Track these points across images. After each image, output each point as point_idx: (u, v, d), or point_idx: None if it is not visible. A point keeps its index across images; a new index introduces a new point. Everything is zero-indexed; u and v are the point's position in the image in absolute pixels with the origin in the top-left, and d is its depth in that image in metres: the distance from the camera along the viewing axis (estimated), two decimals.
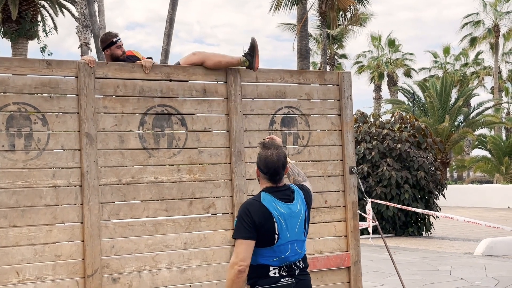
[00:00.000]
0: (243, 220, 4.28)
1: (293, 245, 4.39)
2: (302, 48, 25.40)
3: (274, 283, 4.32)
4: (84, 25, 33.91)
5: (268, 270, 4.33)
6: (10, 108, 5.98)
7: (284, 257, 4.35)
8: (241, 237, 4.26)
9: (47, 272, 5.96)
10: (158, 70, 6.71)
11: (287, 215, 4.35)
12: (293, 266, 4.42)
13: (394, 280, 10.08)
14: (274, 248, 4.32)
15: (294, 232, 4.38)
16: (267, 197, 4.37)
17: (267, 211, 4.30)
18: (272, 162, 4.42)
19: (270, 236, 4.28)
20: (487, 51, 62.26)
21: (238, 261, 4.23)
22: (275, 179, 4.47)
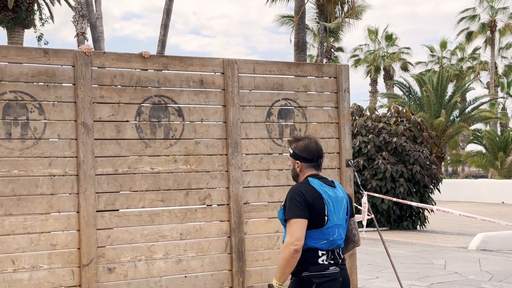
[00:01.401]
0: (296, 200, 4.30)
1: (339, 228, 4.44)
2: (299, 40, 25.34)
3: (323, 270, 4.35)
4: (80, 15, 33.74)
5: (317, 255, 4.36)
6: (6, 97, 5.97)
7: (333, 240, 4.39)
8: (295, 216, 4.28)
9: (42, 261, 5.96)
10: (156, 60, 6.69)
11: (334, 198, 4.41)
12: (336, 254, 4.46)
13: (388, 273, 10.10)
14: (323, 230, 4.35)
15: (339, 216, 4.44)
16: (314, 181, 4.44)
17: (317, 192, 4.35)
18: (313, 147, 4.54)
19: (321, 217, 4.32)
20: (484, 46, 62.30)
21: (294, 240, 4.24)
22: (319, 163, 4.56)
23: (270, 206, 7.15)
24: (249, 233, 6.99)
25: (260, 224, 7.09)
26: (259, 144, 7.11)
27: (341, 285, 4.47)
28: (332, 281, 4.39)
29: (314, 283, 4.34)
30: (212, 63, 6.93)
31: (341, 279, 4.45)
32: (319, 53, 38.90)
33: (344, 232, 4.55)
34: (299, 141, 4.61)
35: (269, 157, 7.18)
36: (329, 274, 4.38)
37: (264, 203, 7.13)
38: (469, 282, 10.12)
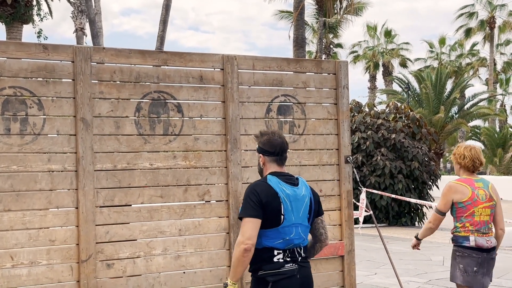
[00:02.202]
0: (250, 199, 4.32)
1: (297, 228, 4.42)
2: (298, 36, 25.31)
3: (278, 268, 4.35)
4: (79, 10, 33.74)
5: (272, 254, 4.35)
6: (5, 92, 5.96)
7: (289, 239, 4.38)
8: (248, 215, 4.29)
9: (41, 257, 5.96)
10: (155, 56, 6.68)
11: (292, 196, 4.39)
12: (295, 253, 4.44)
13: (387, 269, 10.11)
14: (279, 229, 4.34)
15: (299, 215, 4.42)
16: (273, 178, 4.42)
17: (273, 191, 4.34)
18: (276, 141, 4.54)
19: (276, 216, 4.32)
20: (482, 42, 62.30)
21: (245, 239, 4.26)
22: (282, 158, 4.54)
23: None
24: None
25: None
26: None
27: (300, 282, 4.45)
28: (288, 279, 4.38)
29: (270, 282, 4.34)
30: (211, 59, 6.92)
31: (299, 276, 4.44)
32: (318, 49, 38.87)
33: (305, 231, 4.52)
34: (263, 136, 4.62)
35: None
36: (285, 272, 4.37)
37: None
38: None
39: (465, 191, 5.88)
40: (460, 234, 6.03)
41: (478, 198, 5.90)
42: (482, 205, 5.91)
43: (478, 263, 5.87)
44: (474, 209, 5.88)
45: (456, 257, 6.03)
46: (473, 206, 5.88)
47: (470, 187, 5.92)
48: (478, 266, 5.87)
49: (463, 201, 5.89)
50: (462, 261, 5.94)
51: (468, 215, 5.87)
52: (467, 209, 5.87)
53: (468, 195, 5.87)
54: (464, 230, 5.97)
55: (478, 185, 5.98)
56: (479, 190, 5.96)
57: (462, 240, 5.97)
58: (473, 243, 5.89)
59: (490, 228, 6.02)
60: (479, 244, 5.87)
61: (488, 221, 5.98)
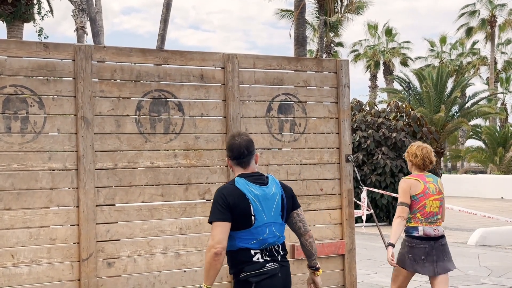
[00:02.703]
0: (217, 203, 4.34)
1: (270, 227, 4.42)
2: (299, 35, 25.30)
3: (260, 268, 4.35)
4: (80, 9, 33.74)
5: (250, 255, 4.36)
6: (6, 91, 5.96)
7: (263, 239, 4.38)
8: (216, 219, 4.31)
9: (42, 255, 5.96)
10: (156, 54, 6.68)
11: (261, 196, 4.40)
12: (273, 251, 4.45)
13: (387, 268, 10.11)
14: (251, 230, 4.36)
15: (271, 214, 4.42)
16: (240, 180, 4.45)
17: (241, 193, 4.36)
18: (236, 144, 4.55)
19: (247, 217, 4.33)
20: (483, 41, 62.30)
21: (214, 243, 4.27)
22: (242, 161, 4.54)
23: None
24: None
25: None
26: (259, 139, 7.11)
27: (282, 281, 4.46)
28: (270, 278, 4.38)
29: (253, 282, 4.34)
30: (212, 57, 6.92)
31: (280, 275, 4.44)
32: (319, 48, 38.85)
33: (280, 228, 4.52)
34: (230, 138, 4.67)
35: (269, 152, 7.18)
36: (267, 271, 4.37)
37: None
38: (468, 277, 10.13)
39: (418, 185, 6.40)
40: (410, 225, 6.49)
41: (429, 191, 6.44)
42: (432, 198, 6.45)
43: (425, 252, 6.39)
44: (425, 201, 6.39)
45: (405, 247, 6.51)
46: (425, 198, 6.39)
47: (422, 181, 6.44)
48: (426, 255, 6.39)
49: (416, 194, 6.38)
50: (410, 251, 6.44)
51: (420, 207, 6.36)
52: (419, 201, 6.36)
53: (421, 188, 6.39)
54: (414, 220, 6.45)
55: (429, 180, 6.52)
56: (430, 184, 6.50)
57: (412, 230, 6.47)
58: (421, 232, 6.41)
59: (438, 219, 6.55)
60: (427, 233, 6.40)
61: (437, 212, 6.51)
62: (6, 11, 30.35)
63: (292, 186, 7.21)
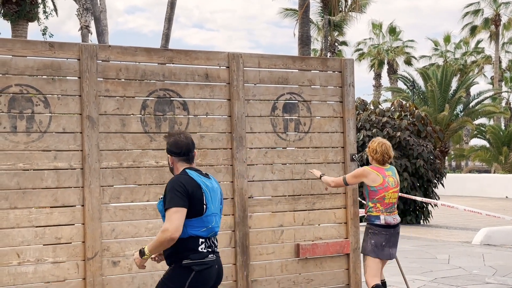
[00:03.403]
0: (177, 190, 4.48)
1: (216, 217, 4.68)
2: (304, 34, 25.25)
3: (203, 258, 4.58)
4: (84, 8, 33.72)
5: (198, 244, 4.56)
6: (12, 90, 5.97)
7: (211, 227, 4.62)
8: (176, 205, 4.45)
9: (47, 254, 5.97)
10: (161, 54, 6.69)
11: (210, 188, 4.65)
12: (213, 242, 4.69)
13: (392, 267, 10.09)
14: (203, 218, 4.56)
15: (215, 205, 4.68)
16: (192, 172, 4.64)
17: (196, 183, 4.57)
18: (182, 141, 4.72)
19: (201, 206, 4.54)
20: (487, 40, 62.15)
21: (173, 230, 4.41)
22: (189, 157, 4.75)
23: (275, 200, 7.16)
24: (253, 227, 7.00)
25: (264, 218, 7.10)
26: (263, 138, 7.11)
27: (217, 272, 4.71)
28: (209, 268, 4.62)
29: (194, 271, 4.54)
30: (217, 57, 6.93)
31: (216, 266, 4.70)
32: (323, 47, 38.80)
33: (220, 220, 4.77)
34: (171, 137, 4.79)
35: (274, 151, 7.19)
36: (208, 262, 4.60)
37: (269, 197, 7.14)
38: (473, 276, 10.11)
39: (377, 178, 6.79)
40: (372, 214, 6.87)
41: (389, 184, 6.84)
42: (391, 190, 6.87)
43: (386, 238, 6.86)
44: (385, 194, 6.81)
45: (369, 234, 6.88)
46: (384, 191, 6.81)
47: (381, 175, 6.82)
48: (386, 241, 6.86)
49: (375, 185, 6.79)
50: (373, 237, 6.85)
51: (380, 198, 6.80)
52: (378, 193, 6.79)
53: (380, 181, 6.79)
54: (375, 210, 6.85)
55: (388, 174, 6.90)
56: (389, 178, 6.89)
57: (374, 219, 6.86)
58: (383, 221, 6.84)
59: (395, 208, 7.01)
60: (388, 221, 6.85)
61: (394, 203, 6.97)
62: (10, 10, 30.36)
63: (297, 186, 7.25)
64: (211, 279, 4.64)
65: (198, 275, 4.54)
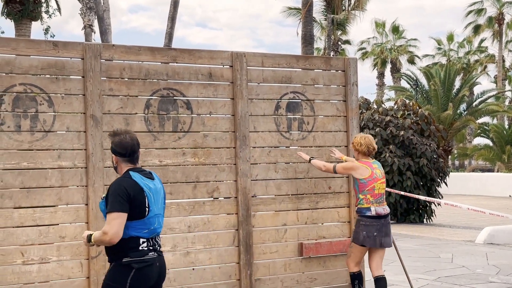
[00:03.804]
0: (118, 195, 4.50)
1: (158, 218, 4.71)
2: (307, 33, 25.22)
3: (143, 256, 4.60)
4: (88, 7, 33.76)
5: (138, 243, 4.60)
6: (16, 89, 5.98)
7: (153, 229, 4.65)
8: (116, 209, 4.48)
9: (51, 253, 5.99)
10: (164, 53, 6.70)
11: (153, 189, 4.66)
12: (155, 242, 4.73)
13: (395, 266, 10.09)
14: (145, 221, 4.59)
15: (159, 206, 4.72)
16: (135, 174, 4.64)
17: (138, 186, 4.58)
18: (127, 142, 4.71)
19: (142, 209, 4.56)
20: (491, 39, 62.05)
21: (112, 235, 4.46)
22: (134, 157, 4.74)
23: (278, 199, 7.16)
24: (256, 226, 7.01)
25: (267, 217, 7.11)
26: (267, 137, 7.12)
27: (158, 270, 4.74)
28: (150, 266, 4.64)
29: (134, 268, 4.57)
30: (220, 56, 6.93)
31: (158, 264, 4.72)
32: (326, 46, 38.76)
33: (163, 220, 4.80)
34: (115, 136, 4.77)
35: (277, 150, 7.19)
36: (148, 260, 4.62)
37: (272, 196, 7.15)
38: (477, 275, 10.11)
39: (365, 171, 7.04)
40: (363, 206, 7.07)
41: (377, 175, 7.11)
42: (380, 181, 7.13)
43: (377, 229, 7.07)
44: (374, 185, 7.06)
45: (360, 225, 7.08)
46: (373, 182, 7.05)
47: (369, 168, 7.07)
48: (377, 231, 7.07)
49: (364, 178, 7.03)
50: (365, 229, 7.05)
51: (370, 189, 7.03)
52: (368, 184, 7.02)
53: (368, 173, 7.04)
54: (366, 202, 7.05)
55: (375, 166, 7.16)
56: (376, 170, 7.15)
57: (365, 211, 7.06)
58: (374, 212, 7.05)
59: (384, 199, 7.23)
60: (378, 212, 7.06)
61: (383, 194, 7.20)
62: (14, 9, 30.40)
63: (300, 185, 7.26)
64: (152, 277, 4.68)
65: (138, 273, 4.58)
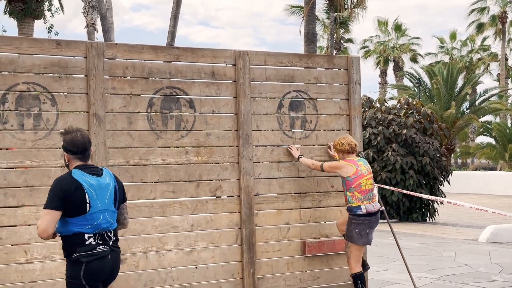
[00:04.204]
0: (53, 193, 4.61)
1: (104, 213, 4.74)
2: (309, 32, 25.21)
3: (91, 250, 4.66)
4: (90, 6, 33.81)
5: (83, 239, 4.66)
6: (19, 88, 5.99)
7: (97, 224, 4.70)
8: (48, 207, 4.59)
9: (54, 252, 5.99)
10: (167, 52, 6.70)
11: (96, 186, 4.70)
12: (106, 236, 4.77)
13: (398, 265, 10.11)
14: (87, 216, 4.65)
15: (105, 202, 4.74)
16: (77, 172, 4.71)
17: (77, 183, 4.64)
18: (79, 140, 4.78)
19: (82, 205, 4.63)
20: (493, 37, 61.95)
21: (40, 230, 4.56)
22: (85, 155, 4.82)
23: (281, 198, 7.17)
24: (259, 224, 7.01)
25: (270, 215, 7.11)
26: (270, 135, 7.12)
27: (111, 263, 4.80)
28: (100, 259, 4.70)
29: (84, 263, 4.64)
30: (223, 54, 6.94)
31: (110, 257, 4.77)
32: (329, 44, 38.75)
33: (112, 215, 4.84)
34: (67, 134, 4.84)
35: (280, 148, 7.20)
36: (97, 253, 4.69)
37: (275, 195, 7.15)
38: (479, 274, 10.11)
39: (349, 169, 7.09)
40: (353, 205, 7.12)
41: (362, 172, 7.15)
42: (365, 177, 7.16)
43: (369, 226, 7.18)
44: (360, 181, 7.10)
45: (353, 224, 7.12)
46: (359, 179, 7.10)
47: (354, 166, 7.13)
48: (369, 228, 7.19)
49: (350, 175, 7.09)
50: (357, 227, 7.10)
51: (356, 186, 7.09)
52: (354, 181, 7.08)
53: (353, 171, 7.09)
54: (356, 200, 7.11)
55: (360, 163, 7.21)
56: (361, 167, 7.19)
57: (356, 209, 7.11)
58: (364, 210, 7.10)
59: (373, 195, 7.32)
60: (369, 210, 7.12)
61: (371, 189, 7.25)
62: (17, 8, 30.42)
63: (303, 183, 7.26)
64: (104, 270, 4.74)
65: (88, 267, 4.64)
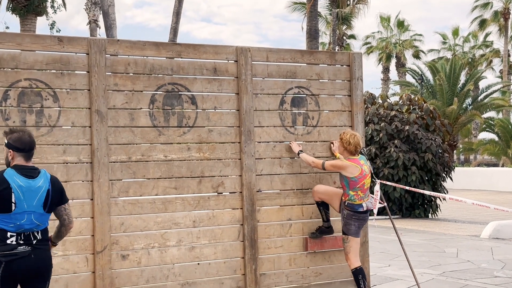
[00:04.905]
0: None
1: (30, 215, 4.78)
2: (312, 28, 25.19)
3: (11, 250, 4.72)
4: (93, 2, 33.81)
5: (5, 236, 4.73)
6: (21, 84, 6.00)
7: (20, 224, 4.75)
8: None
9: (56, 248, 5.98)
10: (169, 48, 6.70)
11: (25, 188, 4.75)
12: (30, 236, 4.81)
13: (400, 261, 10.11)
14: (11, 215, 4.71)
15: (32, 204, 4.78)
16: (10, 171, 4.78)
17: (6, 182, 4.71)
18: (26, 139, 4.87)
19: (8, 204, 4.69)
20: (496, 33, 61.84)
21: None
22: (29, 154, 4.89)
23: (283, 194, 7.17)
24: (261, 220, 7.01)
25: (272, 212, 7.11)
26: (272, 132, 7.12)
27: (35, 262, 4.82)
28: (21, 259, 4.75)
29: (3, 262, 4.69)
30: (225, 51, 6.93)
31: (33, 257, 4.80)
32: (331, 40, 38.73)
33: (39, 218, 4.86)
34: (14, 133, 4.91)
35: (282, 145, 7.19)
36: (17, 253, 4.74)
37: (277, 191, 7.15)
38: (482, 270, 10.11)
39: (355, 170, 7.14)
40: (355, 203, 7.23)
41: (366, 172, 7.27)
42: (368, 177, 7.33)
43: (365, 220, 7.40)
44: (364, 181, 7.23)
45: (353, 219, 7.25)
46: (363, 179, 7.22)
47: (358, 166, 7.18)
48: (365, 222, 7.43)
49: (355, 176, 7.14)
50: (356, 222, 7.24)
51: (360, 186, 7.20)
52: (359, 182, 7.17)
53: (358, 171, 7.16)
54: (358, 198, 7.22)
55: (362, 163, 7.27)
56: (364, 166, 7.27)
57: (358, 207, 7.23)
58: (365, 208, 7.29)
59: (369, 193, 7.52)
60: (368, 207, 7.37)
61: (369, 188, 7.44)
62: (19, 4, 30.43)
63: (305, 179, 7.26)
64: (25, 270, 4.76)
65: (7, 266, 4.69)
